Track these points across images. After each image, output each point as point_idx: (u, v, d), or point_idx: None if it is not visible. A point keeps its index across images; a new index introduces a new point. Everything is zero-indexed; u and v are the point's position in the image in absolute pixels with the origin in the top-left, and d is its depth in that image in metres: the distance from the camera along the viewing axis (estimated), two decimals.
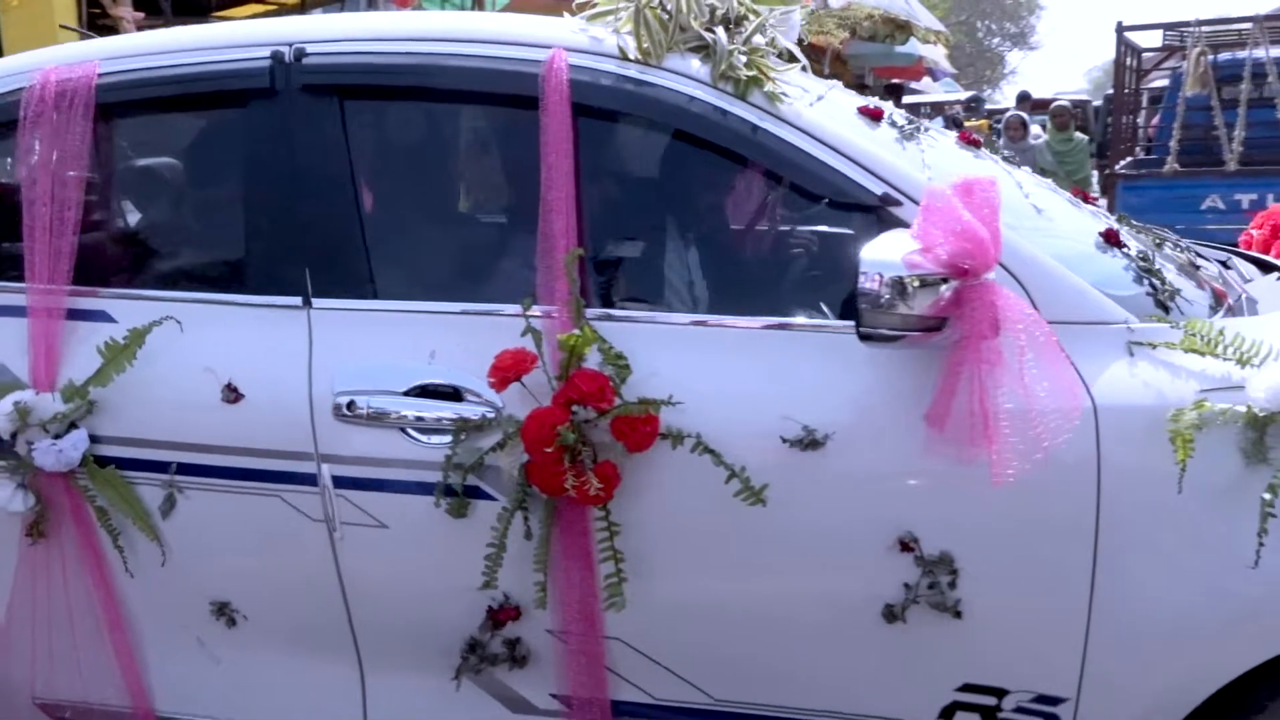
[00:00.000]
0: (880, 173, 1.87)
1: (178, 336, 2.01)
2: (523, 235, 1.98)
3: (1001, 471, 1.65)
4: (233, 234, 2.07)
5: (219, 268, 2.12)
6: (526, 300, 1.87)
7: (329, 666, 2.05)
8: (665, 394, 1.80)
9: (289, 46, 2.08)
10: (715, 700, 1.93)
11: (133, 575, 2.05)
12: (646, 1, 1.98)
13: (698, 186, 2.19)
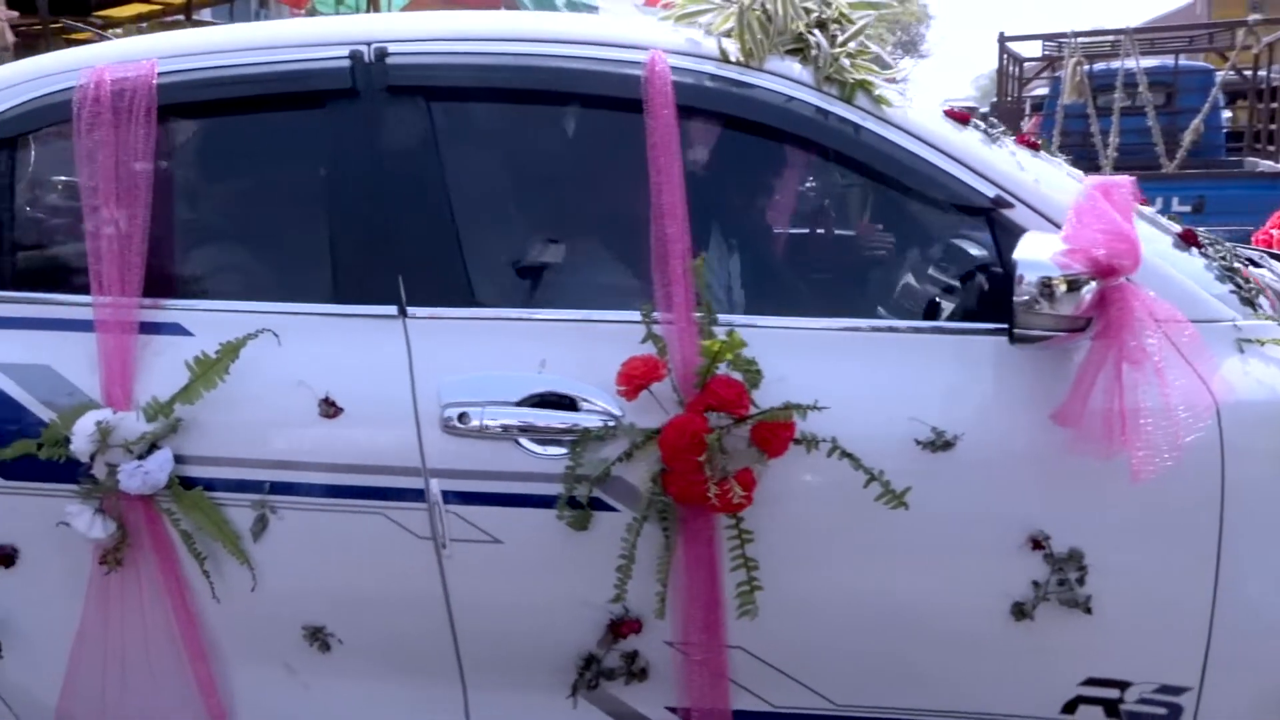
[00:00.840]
0: (990, 175, 1.89)
1: (263, 349, 1.91)
2: (627, 240, 1.95)
3: (1143, 469, 1.68)
4: (316, 241, 1.99)
5: (303, 276, 2.03)
6: (646, 307, 1.83)
7: (429, 688, 1.98)
8: (791, 399, 1.78)
9: (367, 46, 2.00)
10: (836, 705, 1.92)
11: (219, 601, 1.94)
12: (749, 4, 1.96)
13: (802, 189, 2.17)
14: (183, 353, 1.93)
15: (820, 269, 2.08)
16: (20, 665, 2.00)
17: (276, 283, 2.06)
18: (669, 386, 1.80)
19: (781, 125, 1.97)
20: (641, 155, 1.88)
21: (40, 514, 1.94)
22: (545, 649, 1.93)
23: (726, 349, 1.73)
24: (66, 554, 1.95)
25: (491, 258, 2.02)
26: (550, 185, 2.17)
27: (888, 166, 1.93)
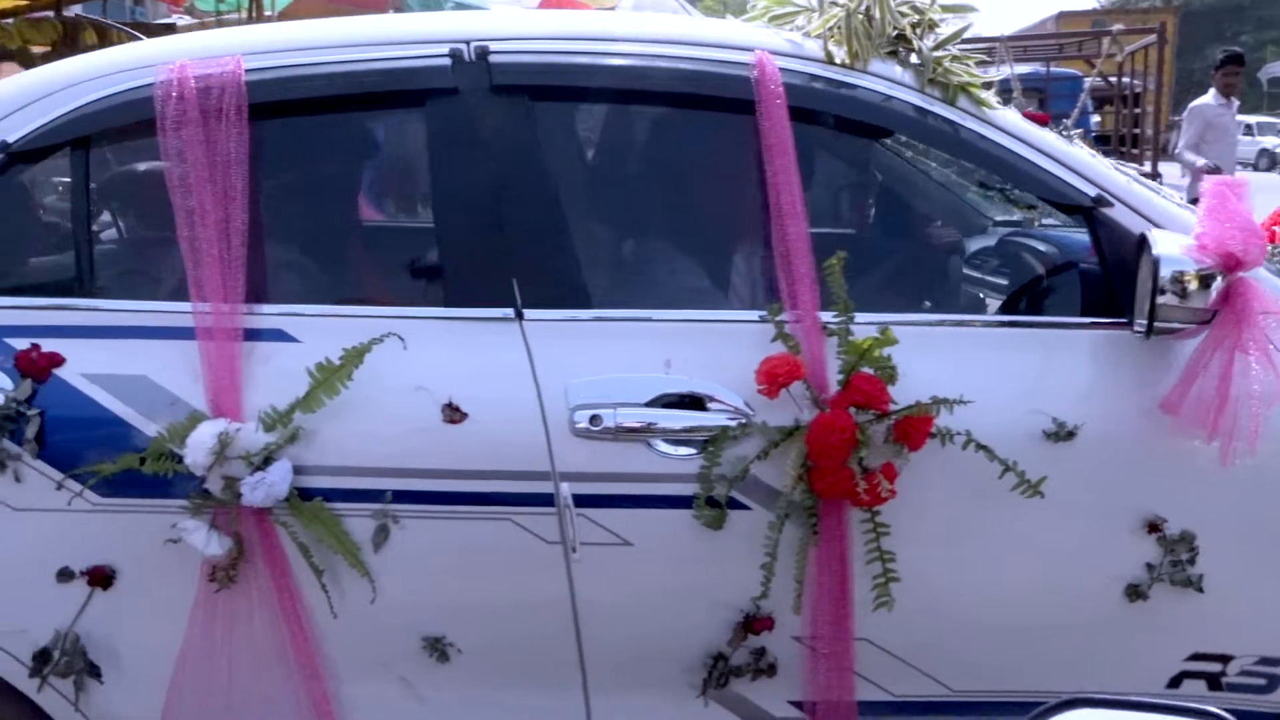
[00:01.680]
0: (1089, 175, 1.97)
1: (376, 354, 1.86)
2: (740, 239, 1.97)
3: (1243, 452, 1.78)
4: (423, 243, 1.94)
5: (410, 279, 1.98)
6: (774, 306, 1.85)
7: (550, 695, 1.96)
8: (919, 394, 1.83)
9: (466, 44, 1.97)
10: (954, 692, 1.97)
11: (336, 616, 1.88)
12: (854, 8, 2.00)
13: (906, 188, 2.22)
14: (289, 359, 1.86)
15: (932, 266, 2.13)
16: (120, 691, 1.90)
17: (383, 286, 2.01)
18: (800, 384, 1.82)
19: (886, 124, 2.02)
20: (750, 155, 1.90)
21: (140, 532, 1.85)
22: (672, 649, 1.93)
23: (878, 345, 1.76)
24: (168, 572, 1.86)
25: (603, 259, 2.01)
26: (656, 186, 2.17)
27: (991, 165, 2.00)
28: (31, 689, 1.89)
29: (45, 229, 2.10)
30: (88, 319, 1.91)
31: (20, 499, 1.84)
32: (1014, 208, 3.14)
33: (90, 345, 1.88)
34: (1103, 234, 1.96)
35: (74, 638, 1.87)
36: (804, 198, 1.88)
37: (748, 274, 1.99)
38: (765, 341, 1.86)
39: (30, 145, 1.95)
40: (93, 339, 1.89)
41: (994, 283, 2.32)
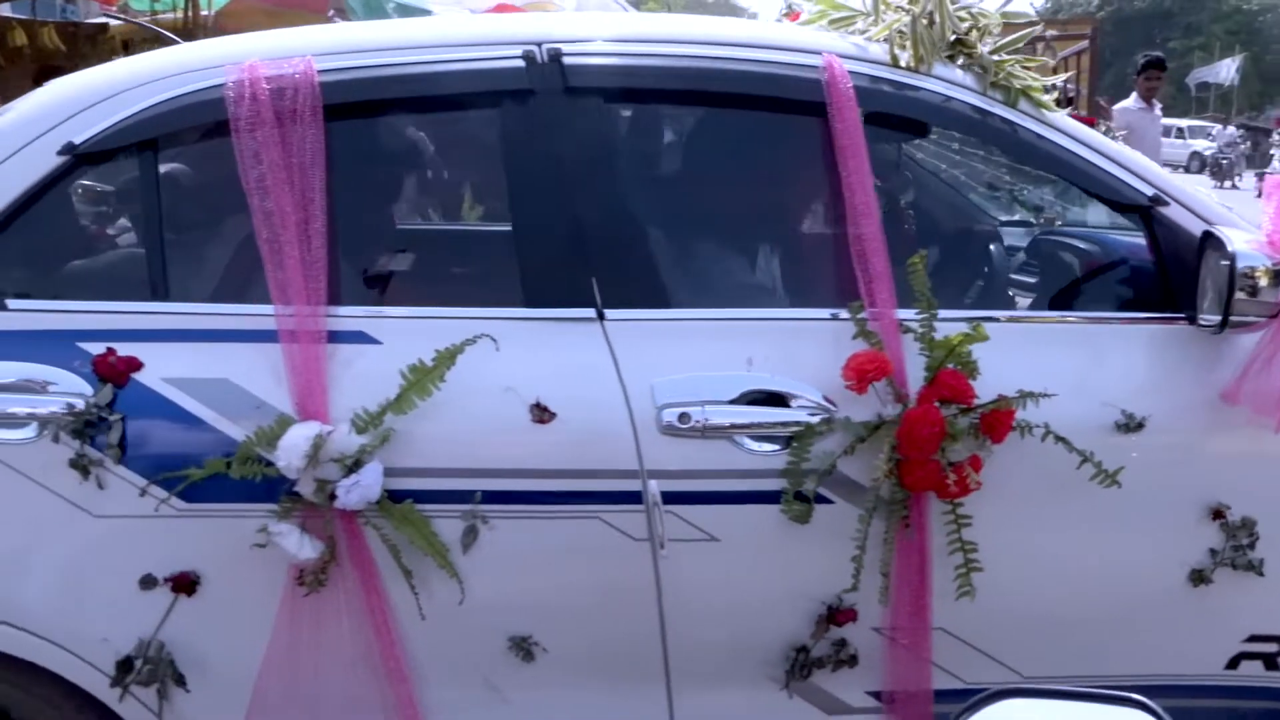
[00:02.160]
0: (1145, 175, 2.04)
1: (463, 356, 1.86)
2: (812, 238, 2.00)
3: None
4: (501, 243, 1.95)
5: (489, 280, 1.98)
6: (855, 305, 1.89)
7: (632, 692, 1.97)
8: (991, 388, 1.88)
9: (538, 46, 1.98)
10: (1025, 678, 2.02)
11: (424, 618, 1.88)
12: (919, 14, 2.05)
13: (968, 187, 2.27)
14: (371, 361, 1.86)
15: (996, 264, 2.19)
16: (203, 698, 1.87)
17: (461, 287, 2.01)
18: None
19: (947, 125, 2.07)
20: (820, 155, 1.94)
21: (224, 537, 1.83)
22: (755, 643, 1.95)
23: (968, 341, 1.81)
24: (252, 577, 1.85)
25: (678, 259, 2.03)
26: (727, 187, 2.19)
27: (1050, 164, 2.06)
28: (112, 699, 1.86)
29: (114, 231, 2.06)
30: (164, 322, 1.89)
31: (101, 506, 1.82)
32: (1020, 208, 3.23)
33: (167, 349, 1.86)
34: (1159, 232, 2.03)
35: (158, 645, 1.85)
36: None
37: (821, 272, 2.03)
38: (841, 339, 1.90)
39: (98, 146, 1.92)
40: (169, 342, 1.87)
41: (1037, 280, 2.39)
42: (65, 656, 1.84)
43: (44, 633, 1.83)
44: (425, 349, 1.84)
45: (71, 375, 1.83)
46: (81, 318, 1.89)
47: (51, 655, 1.84)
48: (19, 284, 1.92)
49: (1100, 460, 1.87)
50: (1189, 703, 2.03)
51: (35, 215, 1.94)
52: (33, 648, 1.83)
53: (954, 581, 1.90)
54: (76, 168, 1.93)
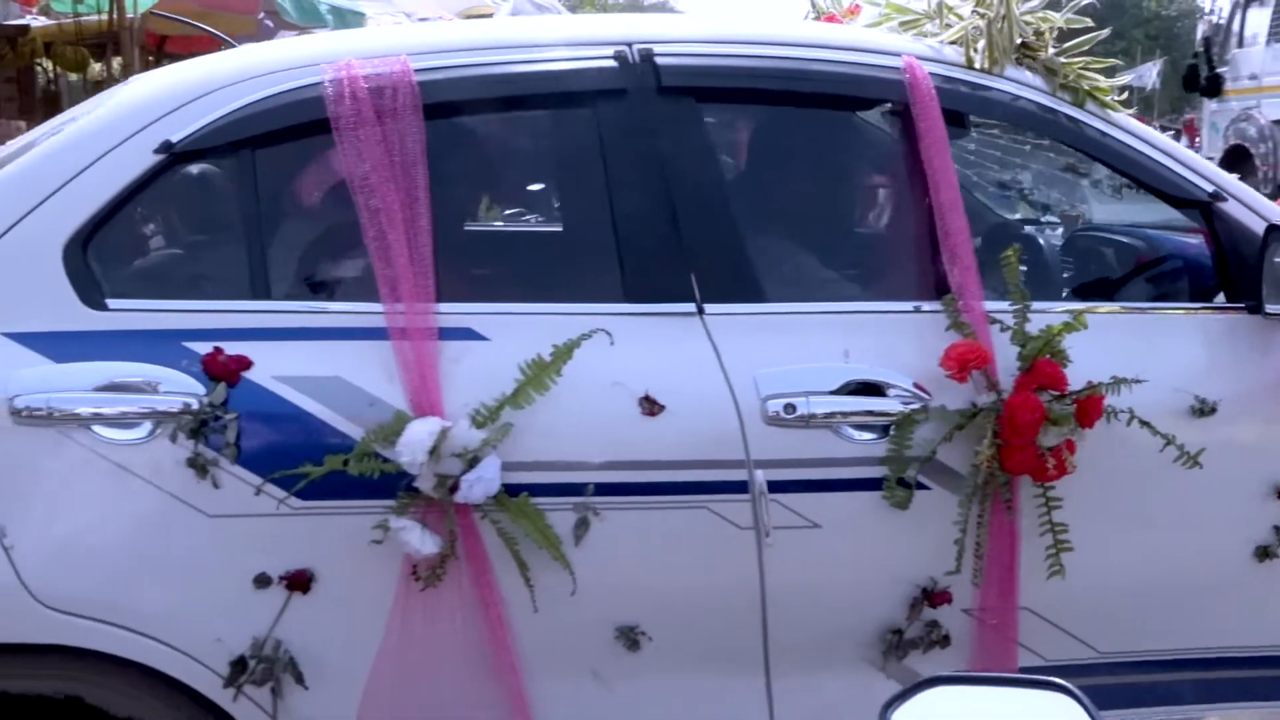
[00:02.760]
0: (1205, 172, 2.15)
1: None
2: (894, 233, 2.07)
3: None
4: (600, 240, 1.99)
5: (590, 277, 2.01)
6: (949, 298, 1.96)
7: (732, 678, 2.01)
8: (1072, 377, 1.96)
9: (628, 47, 2.02)
10: (1101, 654, 2.11)
11: (537, 610, 1.90)
12: (994, 18, 2.13)
13: (1041, 184, 2.36)
14: (481, 357, 1.89)
15: (1071, 257, 2.27)
16: (318, 696, 1.87)
17: (563, 283, 2.04)
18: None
19: (1017, 123, 2.15)
20: (902, 153, 2.01)
21: (339, 534, 1.84)
22: (852, 627, 2.01)
23: (1068, 330, 1.89)
24: (366, 573, 1.86)
25: (771, 254, 2.08)
26: (814, 183, 2.25)
27: (1113, 161, 2.15)
28: (225, 699, 1.85)
29: (214, 230, 2.05)
30: (269, 321, 1.89)
31: (216, 505, 1.81)
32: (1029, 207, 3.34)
33: (274, 347, 1.86)
34: (1219, 227, 2.14)
35: (274, 644, 1.85)
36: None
37: (903, 266, 2.10)
38: (924, 330, 1.98)
39: (195, 145, 1.92)
40: (275, 341, 1.87)
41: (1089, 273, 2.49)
42: (178, 658, 1.83)
43: (157, 634, 1.82)
44: (533, 345, 1.87)
45: (181, 375, 1.82)
46: (184, 317, 1.88)
47: (163, 657, 1.83)
48: (118, 284, 1.91)
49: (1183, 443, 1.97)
50: (1255, 673, 2.14)
51: (132, 214, 1.94)
52: (145, 650, 1.82)
53: (1045, 561, 1.97)
54: (172, 166, 1.92)
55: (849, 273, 2.17)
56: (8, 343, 1.83)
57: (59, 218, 1.87)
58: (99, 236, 1.89)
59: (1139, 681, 2.10)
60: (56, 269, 1.86)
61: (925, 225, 2.03)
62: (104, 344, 1.84)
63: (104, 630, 1.80)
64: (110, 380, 1.81)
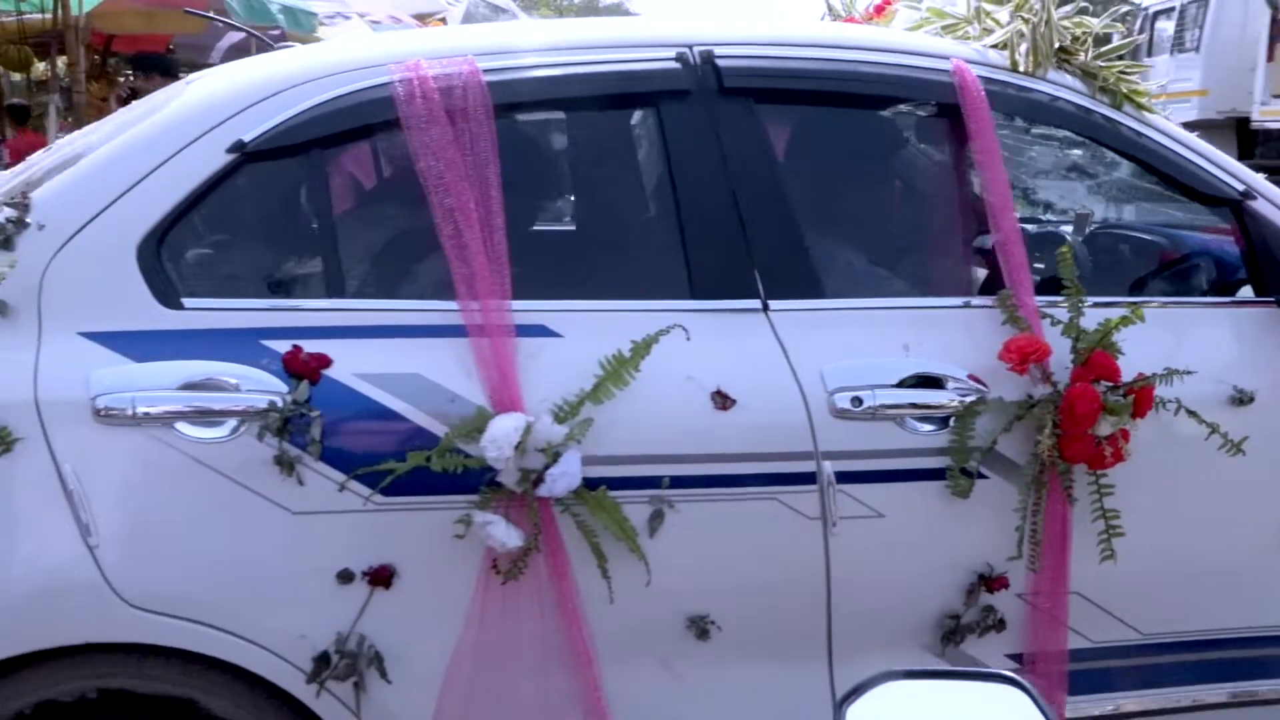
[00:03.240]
0: (1236, 172, 2.24)
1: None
2: (952, 231, 2.13)
3: None
4: (667, 238, 2.03)
5: (657, 274, 2.05)
6: (1004, 294, 2.03)
7: (796, 665, 2.06)
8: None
9: (689, 48, 2.06)
10: (1144, 635, 2.19)
11: (613, 601, 1.94)
12: (1036, 25, 2.20)
13: (1081, 183, 2.43)
14: (555, 354, 1.92)
15: (1106, 253, 2.35)
16: (400, 690, 1.89)
17: (630, 281, 2.07)
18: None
19: (1055, 123, 2.23)
20: (950, 153, 2.08)
21: (419, 529, 1.86)
22: (912, 613, 2.07)
23: (1124, 323, 1.96)
24: (447, 568, 1.88)
25: (831, 251, 2.13)
26: (871, 182, 2.30)
27: (1148, 159, 2.24)
28: (308, 695, 1.87)
29: (287, 229, 2.06)
30: (345, 319, 1.91)
31: (300, 502, 1.83)
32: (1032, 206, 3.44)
33: (351, 345, 1.88)
34: (1249, 224, 2.23)
35: (358, 639, 1.86)
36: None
37: (954, 263, 2.16)
38: (974, 324, 2.05)
39: (266, 144, 1.92)
40: (352, 339, 1.89)
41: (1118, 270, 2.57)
42: (262, 654, 1.84)
43: (240, 631, 1.83)
44: (605, 340, 1.91)
45: (261, 373, 1.83)
46: (259, 316, 1.89)
47: (247, 653, 1.84)
48: (192, 283, 1.91)
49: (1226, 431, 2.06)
50: None
51: (204, 213, 1.94)
52: (228, 647, 1.83)
53: (1097, 546, 2.05)
54: (243, 165, 1.93)
55: (904, 269, 2.23)
56: (86, 343, 1.83)
57: (132, 217, 1.87)
58: (172, 236, 1.89)
59: (1181, 661, 2.19)
60: (131, 268, 1.86)
61: (975, 223, 2.10)
62: (181, 343, 1.85)
63: (187, 628, 1.81)
64: (192, 379, 1.81)
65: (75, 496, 1.76)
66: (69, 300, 1.85)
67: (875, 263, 2.20)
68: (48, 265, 1.85)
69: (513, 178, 1.99)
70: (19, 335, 1.82)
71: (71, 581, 1.77)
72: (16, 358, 1.80)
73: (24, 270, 1.83)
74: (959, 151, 2.11)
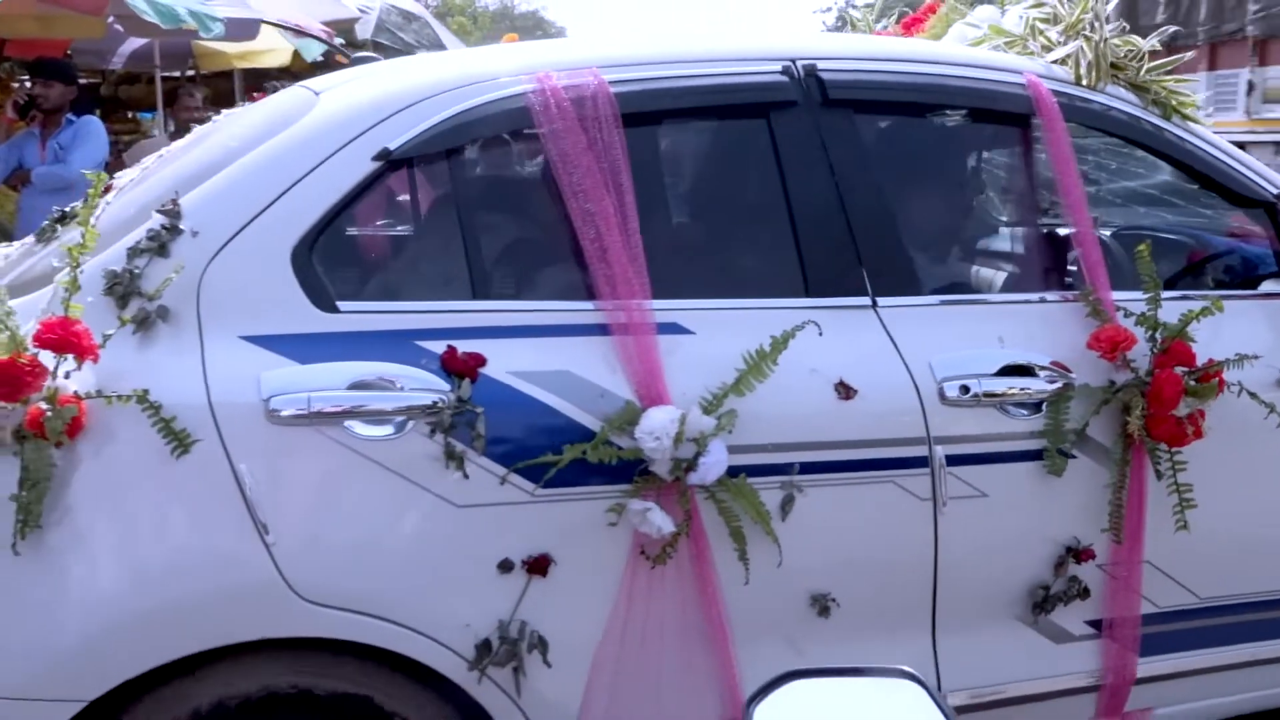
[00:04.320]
0: (1270, 177, 2.47)
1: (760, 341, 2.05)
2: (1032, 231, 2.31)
3: None
4: (782, 240, 2.16)
5: (776, 273, 2.18)
6: (1086, 289, 2.22)
7: (903, 639, 2.20)
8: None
9: (791, 62, 2.21)
10: (1201, 599, 2.40)
11: (747, 583, 2.05)
12: (1097, 41, 2.40)
13: (1138, 185, 2.64)
14: (690, 349, 2.03)
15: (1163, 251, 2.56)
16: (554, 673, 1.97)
17: (751, 280, 2.20)
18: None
19: (1109, 129, 2.43)
20: (1026, 160, 2.26)
21: (572, 518, 1.96)
22: (1008, 585, 2.24)
23: (1204, 314, 2.16)
24: (597, 554, 1.98)
25: (928, 251, 2.29)
26: (959, 188, 2.47)
27: (1190, 163, 2.45)
28: (470, 683, 1.94)
29: (431, 233, 2.13)
30: (493, 319, 1.99)
31: (464, 495, 1.90)
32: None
33: (501, 344, 1.96)
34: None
35: (519, 625, 1.94)
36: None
37: (1032, 260, 2.34)
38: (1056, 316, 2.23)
39: (410, 152, 2.00)
40: (501, 339, 1.97)
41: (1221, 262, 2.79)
42: (431, 645, 1.90)
43: (409, 622, 1.89)
44: (732, 336, 2.03)
45: (421, 372, 1.90)
46: (412, 318, 1.96)
47: (414, 644, 1.90)
48: (343, 286, 1.97)
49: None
50: None
51: (352, 219, 2.00)
52: (398, 638, 1.89)
53: (1173, 517, 2.24)
54: (387, 172, 2.00)
55: (992, 267, 2.40)
56: (249, 346, 1.87)
57: (284, 224, 1.93)
58: (322, 241, 1.95)
59: (1239, 622, 2.40)
60: (286, 273, 1.91)
61: (1049, 224, 2.28)
62: (340, 345, 1.91)
63: (360, 621, 1.87)
64: (360, 379, 1.87)
65: (252, 496, 1.81)
66: (226, 305, 1.89)
67: (963, 260, 2.36)
68: (204, 270, 1.90)
69: (639, 184, 2.10)
70: (182, 339, 1.86)
71: (251, 579, 1.82)
72: (184, 361, 1.84)
73: (182, 275, 1.87)
74: (1031, 158, 2.29)
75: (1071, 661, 2.30)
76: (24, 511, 1.73)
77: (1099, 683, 2.32)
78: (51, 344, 1.74)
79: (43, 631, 1.78)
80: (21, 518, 1.73)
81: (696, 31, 6.92)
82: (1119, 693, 2.34)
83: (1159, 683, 2.37)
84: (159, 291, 1.85)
